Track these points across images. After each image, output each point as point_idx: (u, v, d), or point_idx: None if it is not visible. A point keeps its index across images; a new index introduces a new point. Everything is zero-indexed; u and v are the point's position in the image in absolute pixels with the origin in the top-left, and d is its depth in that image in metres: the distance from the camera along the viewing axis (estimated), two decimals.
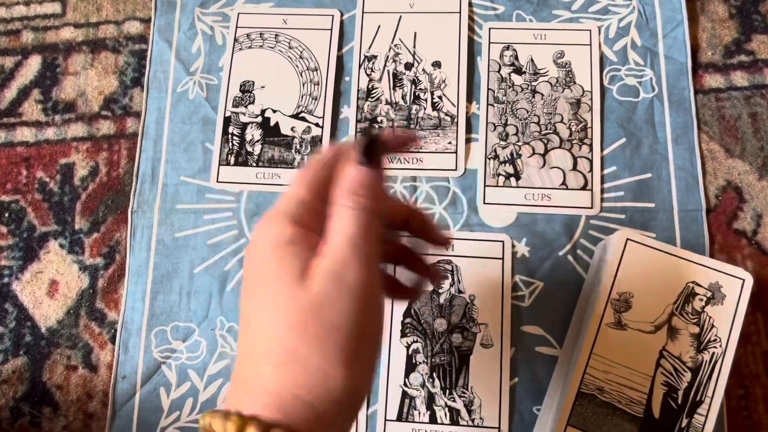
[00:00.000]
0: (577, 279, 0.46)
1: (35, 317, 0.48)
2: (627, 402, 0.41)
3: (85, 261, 0.49)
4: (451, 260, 0.47)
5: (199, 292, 0.48)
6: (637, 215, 0.47)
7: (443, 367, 0.45)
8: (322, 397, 0.23)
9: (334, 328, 0.23)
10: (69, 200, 0.50)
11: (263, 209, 0.49)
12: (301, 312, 0.23)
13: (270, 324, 0.24)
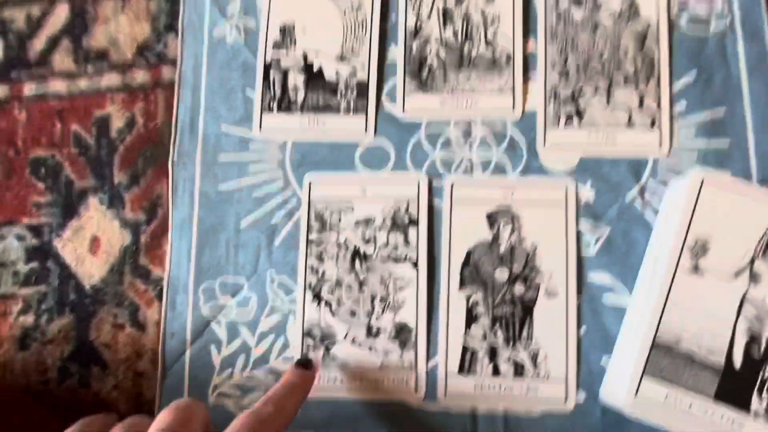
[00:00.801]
0: (646, 224, 0.43)
1: (78, 275, 0.46)
2: (706, 352, 0.39)
3: (126, 216, 0.47)
4: (510, 207, 0.44)
5: (247, 246, 0.45)
6: (710, 155, 0.44)
7: (505, 319, 0.43)
8: None
9: None
10: (106, 154, 0.48)
11: (309, 159, 0.46)
12: None
13: None
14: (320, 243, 0.45)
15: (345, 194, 0.46)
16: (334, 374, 0.43)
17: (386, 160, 0.46)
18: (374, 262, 0.44)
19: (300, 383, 0.38)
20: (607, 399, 0.41)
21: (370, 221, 0.45)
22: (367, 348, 0.44)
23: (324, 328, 0.44)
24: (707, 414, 0.38)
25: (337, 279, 0.44)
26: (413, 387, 0.43)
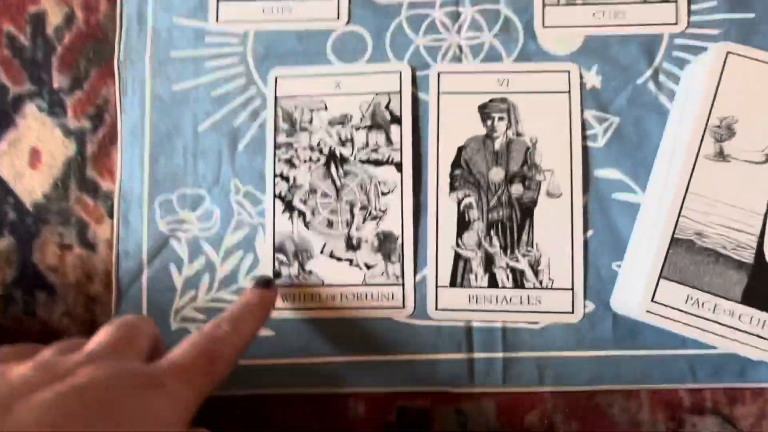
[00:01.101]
0: (661, 111, 0.38)
1: (17, 192, 0.40)
2: (733, 246, 0.34)
3: (69, 124, 0.41)
4: (506, 98, 0.39)
5: (207, 152, 0.40)
6: (734, 29, 0.38)
7: (502, 223, 0.38)
8: None
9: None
10: (43, 55, 0.42)
11: (274, 52, 0.40)
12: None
13: None
14: (290, 146, 0.39)
15: (316, 90, 0.40)
16: (312, 292, 0.38)
17: (362, 49, 0.40)
18: (352, 166, 0.39)
19: (259, 303, 0.34)
20: (619, 307, 0.36)
21: (346, 120, 0.39)
22: (347, 262, 0.38)
23: (298, 241, 0.39)
24: (733, 317, 0.33)
25: (310, 186, 0.39)
26: (400, 302, 0.38)
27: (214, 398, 0.36)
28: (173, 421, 0.25)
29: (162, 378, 0.25)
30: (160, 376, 0.26)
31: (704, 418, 0.36)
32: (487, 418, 0.37)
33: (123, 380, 0.24)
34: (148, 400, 0.24)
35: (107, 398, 0.23)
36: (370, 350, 0.38)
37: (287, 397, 0.38)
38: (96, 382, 0.24)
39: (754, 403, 0.36)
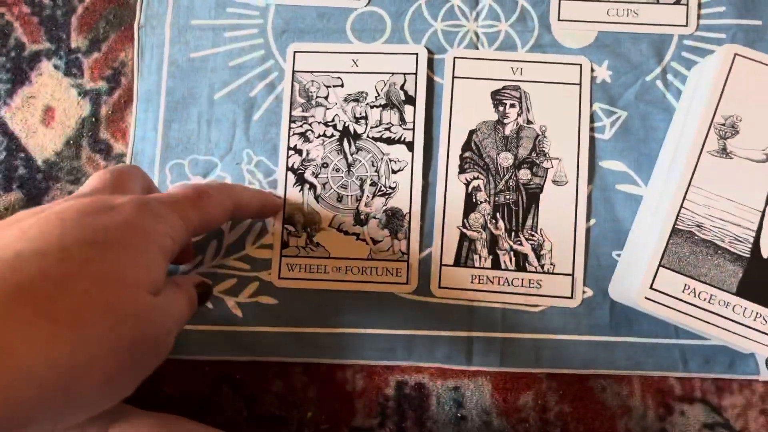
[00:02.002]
0: (667, 108, 0.39)
1: (29, 148, 0.40)
2: (731, 240, 0.35)
3: (85, 85, 0.41)
4: (519, 86, 0.40)
5: (221, 120, 0.40)
6: (741, 34, 0.40)
7: (508, 207, 0.39)
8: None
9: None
10: (63, 14, 0.42)
11: (294, 26, 0.41)
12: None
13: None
14: (305, 120, 0.40)
15: (334, 67, 0.41)
16: (318, 263, 0.39)
17: (381, 30, 0.41)
18: (365, 143, 0.40)
19: (260, 192, 0.36)
20: (617, 295, 0.38)
21: (361, 97, 0.40)
22: (354, 236, 0.39)
23: (307, 213, 0.39)
24: (728, 308, 0.34)
25: (323, 160, 0.40)
26: (404, 278, 0.38)
27: (213, 362, 0.36)
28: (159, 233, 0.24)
29: (147, 200, 0.25)
30: (145, 198, 0.25)
31: (693, 406, 0.37)
32: (482, 396, 0.38)
33: (101, 202, 0.24)
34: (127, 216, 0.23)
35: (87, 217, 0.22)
36: (371, 324, 0.38)
37: (287, 365, 0.38)
38: (76, 205, 0.23)
39: (741, 394, 0.37)
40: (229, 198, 0.31)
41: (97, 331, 0.20)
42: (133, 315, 0.22)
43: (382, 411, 0.37)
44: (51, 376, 0.19)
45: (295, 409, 0.38)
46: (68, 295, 0.20)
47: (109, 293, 0.21)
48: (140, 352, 0.23)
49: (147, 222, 0.24)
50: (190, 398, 0.37)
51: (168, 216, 0.26)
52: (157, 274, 0.24)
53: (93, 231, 0.22)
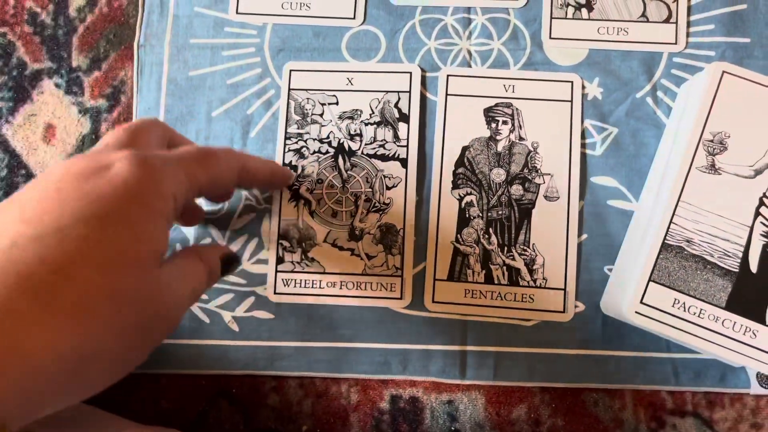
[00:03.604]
0: (657, 124, 0.40)
1: (29, 165, 0.41)
2: (720, 255, 0.35)
3: (86, 103, 0.42)
4: (511, 103, 0.40)
5: (219, 137, 0.41)
6: (730, 52, 0.40)
7: (501, 222, 0.39)
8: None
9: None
10: (64, 34, 0.43)
11: (290, 45, 0.41)
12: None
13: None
14: (300, 137, 0.41)
15: (329, 85, 0.41)
16: (313, 278, 0.39)
17: (376, 48, 0.41)
18: (359, 159, 0.40)
19: (273, 163, 0.36)
20: (608, 309, 0.38)
21: (356, 115, 0.41)
22: (348, 251, 0.40)
23: (302, 229, 0.40)
24: (717, 322, 0.35)
25: (318, 176, 0.40)
26: (399, 293, 0.39)
27: (210, 376, 0.37)
28: (160, 194, 0.23)
29: (147, 157, 0.24)
30: (145, 155, 0.24)
31: (684, 420, 0.38)
32: (476, 409, 0.38)
33: (97, 162, 0.23)
34: (126, 177, 0.22)
35: (84, 184, 0.21)
36: (366, 338, 0.39)
37: (282, 379, 0.39)
38: (74, 169, 0.22)
39: (732, 408, 0.38)
40: (236, 160, 0.30)
41: (101, 318, 0.20)
42: (137, 295, 0.21)
43: (377, 425, 0.38)
44: (58, 366, 0.19)
45: (290, 423, 0.38)
46: (69, 283, 0.19)
47: (112, 276, 0.20)
48: (148, 330, 0.22)
49: (147, 183, 0.22)
50: (187, 412, 0.38)
51: (171, 171, 0.24)
52: (160, 243, 0.23)
53: (89, 202, 0.21)
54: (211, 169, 0.27)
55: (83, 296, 0.19)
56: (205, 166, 0.27)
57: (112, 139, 0.26)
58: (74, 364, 0.19)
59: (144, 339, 0.22)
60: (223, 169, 0.28)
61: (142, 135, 0.27)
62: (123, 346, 0.21)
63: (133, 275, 0.21)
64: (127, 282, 0.21)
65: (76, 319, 0.19)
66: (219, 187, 0.29)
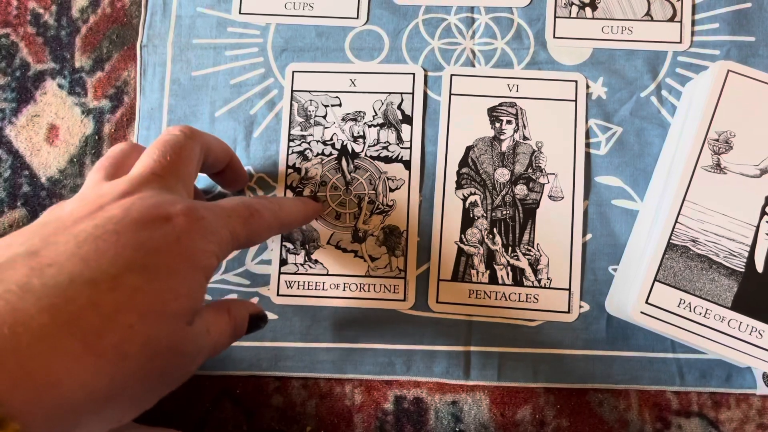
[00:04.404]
0: (662, 123, 0.40)
1: (33, 165, 0.41)
2: (726, 254, 0.35)
3: (89, 103, 0.42)
4: (515, 102, 0.40)
5: (222, 138, 0.41)
6: (735, 50, 0.40)
7: (505, 222, 0.39)
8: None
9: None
10: (67, 34, 0.43)
11: (293, 45, 0.41)
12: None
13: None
14: (303, 139, 0.41)
15: (332, 86, 0.41)
16: (316, 280, 0.39)
17: (379, 48, 0.41)
18: (363, 161, 0.40)
19: (303, 203, 0.35)
20: (613, 310, 0.38)
21: (359, 116, 0.41)
22: (352, 253, 0.39)
23: (306, 231, 0.40)
24: (723, 322, 0.35)
25: (321, 178, 0.40)
26: (402, 295, 0.39)
27: (213, 377, 0.37)
28: (207, 253, 0.24)
29: (201, 212, 0.25)
30: (200, 211, 0.25)
31: (690, 420, 0.37)
32: (480, 410, 0.38)
33: (159, 212, 0.23)
34: (180, 233, 0.23)
35: (142, 232, 0.22)
36: (370, 339, 0.39)
37: (286, 380, 0.39)
38: (134, 213, 0.23)
39: (738, 408, 0.37)
40: (277, 219, 0.31)
41: (135, 364, 0.21)
42: (168, 347, 0.22)
43: (381, 426, 0.38)
44: (87, 404, 0.20)
45: (294, 424, 0.38)
46: (114, 329, 0.20)
47: (151, 327, 0.21)
48: (168, 378, 0.24)
49: (197, 241, 0.24)
50: (190, 413, 0.38)
51: (218, 232, 0.25)
52: (198, 300, 0.24)
53: (145, 253, 0.22)
54: (253, 229, 0.28)
55: (124, 343, 0.20)
56: (249, 226, 0.28)
57: (155, 165, 0.27)
58: (102, 402, 0.20)
59: (161, 386, 0.23)
60: (264, 231, 0.29)
61: (185, 162, 0.28)
62: (143, 391, 0.22)
63: (168, 329, 0.22)
64: (162, 334, 0.22)
65: (113, 363, 0.20)
66: (254, 244, 0.30)
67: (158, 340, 0.22)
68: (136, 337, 0.21)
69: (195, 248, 0.24)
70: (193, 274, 0.23)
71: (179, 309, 0.23)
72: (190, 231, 0.24)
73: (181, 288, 0.23)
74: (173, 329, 0.23)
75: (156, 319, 0.22)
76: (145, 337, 0.21)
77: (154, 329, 0.22)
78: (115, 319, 0.20)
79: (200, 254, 0.24)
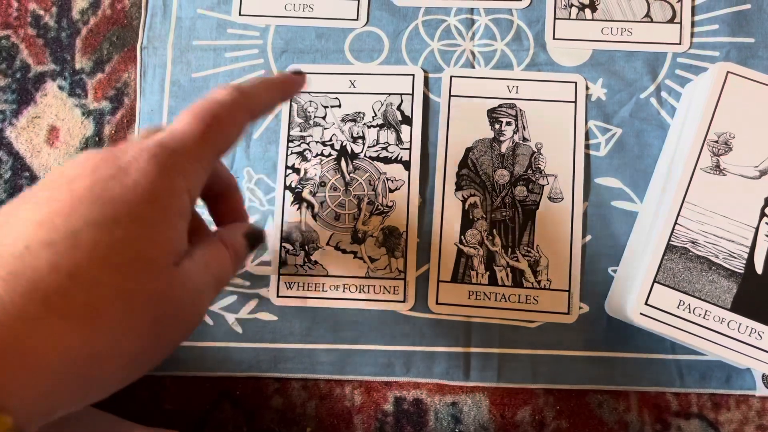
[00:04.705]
0: (661, 125, 0.40)
1: (33, 167, 0.41)
2: (725, 256, 0.35)
3: (89, 105, 0.42)
4: (515, 104, 0.40)
5: None
6: (734, 52, 0.40)
7: (505, 223, 0.39)
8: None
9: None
10: (67, 36, 0.43)
11: (293, 47, 0.41)
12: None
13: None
14: (303, 140, 0.41)
15: (331, 88, 0.41)
16: (315, 281, 0.39)
17: (379, 49, 0.41)
18: (362, 162, 0.40)
19: (281, 79, 0.30)
20: (613, 311, 0.38)
21: (358, 117, 0.41)
22: (351, 254, 0.39)
23: (305, 232, 0.40)
24: (723, 323, 0.35)
25: (320, 179, 0.40)
26: (402, 296, 0.39)
27: (214, 378, 0.37)
28: (171, 190, 0.22)
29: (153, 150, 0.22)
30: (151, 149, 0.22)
31: (689, 422, 0.37)
32: (480, 411, 0.38)
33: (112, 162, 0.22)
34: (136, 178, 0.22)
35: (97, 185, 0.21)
36: (369, 340, 0.39)
37: (286, 381, 0.39)
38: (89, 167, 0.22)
39: (737, 410, 0.37)
40: (243, 112, 0.26)
41: (111, 319, 0.20)
42: (151, 296, 0.21)
43: (381, 427, 0.38)
44: (68, 367, 0.19)
45: (294, 425, 0.38)
46: (80, 286, 0.19)
47: (123, 278, 0.20)
48: (163, 329, 0.22)
49: (156, 182, 0.22)
50: (190, 414, 0.38)
51: (180, 166, 0.23)
52: (177, 241, 0.23)
53: (102, 205, 0.21)
54: (218, 141, 0.25)
55: (93, 299, 0.20)
56: (212, 142, 0.24)
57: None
58: (85, 364, 0.19)
59: (160, 339, 0.22)
60: (232, 131, 0.25)
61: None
62: (137, 346, 0.21)
63: (145, 277, 0.21)
64: (139, 283, 0.21)
65: (85, 320, 0.19)
66: (230, 147, 0.26)
67: (136, 290, 0.21)
68: (106, 291, 0.20)
69: (156, 189, 0.22)
70: (161, 216, 0.22)
71: (151, 254, 0.21)
72: (147, 173, 0.22)
73: (148, 233, 0.21)
74: (153, 277, 0.21)
75: (125, 269, 0.20)
76: (116, 291, 0.20)
77: (128, 280, 0.20)
78: (79, 277, 0.19)
79: (164, 194, 0.22)
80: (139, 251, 0.21)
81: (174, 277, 0.22)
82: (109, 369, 0.20)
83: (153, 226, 0.21)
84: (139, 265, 0.21)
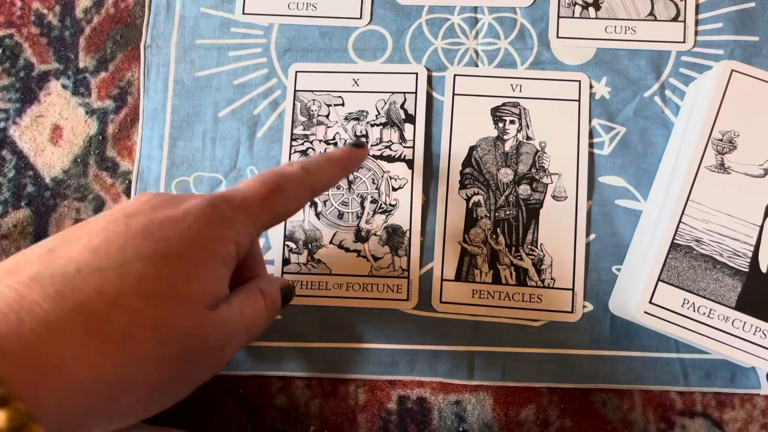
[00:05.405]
0: (665, 123, 0.40)
1: (37, 166, 0.41)
2: (730, 254, 0.35)
3: (93, 104, 0.42)
4: (518, 102, 0.40)
5: (226, 138, 0.41)
6: (738, 50, 0.40)
7: (509, 222, 0.39)
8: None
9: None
10: (71, 35, 0.43)
11: (297, 45, 0.41)
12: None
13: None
14: (306, 138, 0.41)
15: (335, 86, 0.41)
16: (319, 280, 0.39)
17: (382, 48, 0.41)
18: (366, 161, 0.40)
19: (343, 157, 0.32)
20: (617, 309, 0.38)
21: (362, 116, 0.41)
22: (355, 253, 0.39)
23: (308, 230, 0.40)
24: (727, 322, 0.35)
25: None
26: (405, 295, 0.39)
27: (217, 377, 0.37)
28: (222, 239, 0.24)
29: (214, 201, 0.25)
30: (212, 199, 0.25)
31: (694, 421, 0.37)
32: (484, 410, 0.38)
33: (172, 203, 0.24)
34: (191, 221, 0.24)
35: (152, 224, 0.23)
36: (373, 338, 0.39)
37: (290, 380, 0.39)
38: (148, 205, 0.24)
39: (742, 408, 0.37)
40: (306, 188, 0.29)
41: (144, 347, 0.21)
42: (182, 332, 0.22)
43: (385, 425, 0.38)
44: (97, 388, 0.20)
45: (298, 424, 0.38)
46: (120, 313, 0.20)
47: (160, 311, 0.21)
48: (190, 365, 0.23)
49: (212, 228, 0.24)
50: (194, 413, 0.38)
51: (235, 219, 0.25)
52: (216, 285, 0.24)
53: (155, 242, 0.22)
54: (276, 209, 0.27)
55: (130, 326, 0.21)
56: (271, 207, 0.27)
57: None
58: (112, 386, 0.20)
59: (187, 374, 0.23)
60: (291, 205, 0.28)
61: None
62: (163, 378, 0.22)
63: (182, 313, 0.22)
64: (173, 317, 0.22)
65: (119, 345, 0.20)
66: (284, 220, 0.29)
67: (170, 324, 0.22)
68: (144, 321, 0.21)
69: (207, 235, 0.24)
70: (207, 259, 0.24)
71: (192, 293, 0.23)
72: (202, 218, 0.24)
73: (192, 273, 0.23)
74: (188, 313, 0.22)
75: (165, 303, 0.22)
76: (153, 322, 0.21)
77: (164, 313, 0.22)
78: (121, 304, 0.21)
79: (213, 240, 0.24)
80: (179, 288, 0.22)
81: (208, 318, 0.23)
82: (133, 395, 0.21)
83: (196, 267, 0.23)
84: (177, 302, 0.22)
